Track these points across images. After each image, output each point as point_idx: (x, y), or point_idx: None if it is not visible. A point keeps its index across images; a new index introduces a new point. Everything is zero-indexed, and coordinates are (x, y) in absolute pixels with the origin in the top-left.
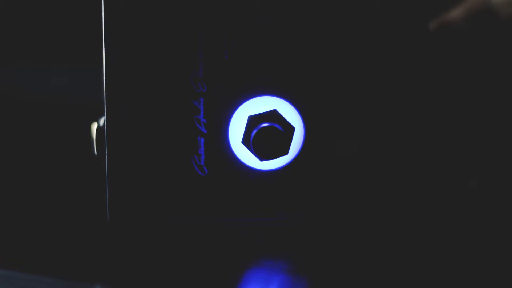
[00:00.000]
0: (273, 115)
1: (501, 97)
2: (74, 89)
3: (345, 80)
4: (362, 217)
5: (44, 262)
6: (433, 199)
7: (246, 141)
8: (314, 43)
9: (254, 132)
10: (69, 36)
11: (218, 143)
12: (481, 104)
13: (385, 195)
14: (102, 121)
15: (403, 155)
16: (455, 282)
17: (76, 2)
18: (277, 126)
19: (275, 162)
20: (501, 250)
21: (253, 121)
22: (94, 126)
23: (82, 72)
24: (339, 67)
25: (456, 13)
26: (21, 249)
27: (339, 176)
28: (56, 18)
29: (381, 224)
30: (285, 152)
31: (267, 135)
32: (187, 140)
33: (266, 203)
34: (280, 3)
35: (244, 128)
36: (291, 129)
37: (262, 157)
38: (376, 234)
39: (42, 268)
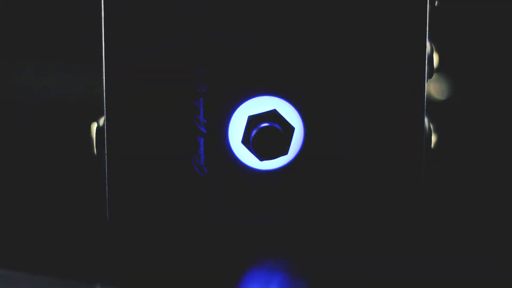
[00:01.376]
0: (273, 115)
1: None
2: (74, 89)
3: (345, 80)
4: (362, 217)
5: (44, 262)
6: (432, 199)
7: (245, 141)
8: (314, 42)
9: (254, 132)
10: (69, 36)
11: (218, 143)
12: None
13: (384, 195)
14: (102, 121)
15: (403, 154)
16: (454, 282)
17: (76, 2)
18: (277, 126)
19: (275, 162)
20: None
21: (253, 121)
22: (94, 126)
23: (82, 72)
24: (339, 66)
25: None
26: (21, 249)
27: (338, 176)
28: (56, 18)
29: (380, 224)
30: (285, 152)
31: (266, 135)
32: (187, 140)
33: (266, 203)
34: (281, 3)
35: (244, 128)
36: (291, 129)
37: (262, 157)
38: (376, 234)
39: (42, 268)
